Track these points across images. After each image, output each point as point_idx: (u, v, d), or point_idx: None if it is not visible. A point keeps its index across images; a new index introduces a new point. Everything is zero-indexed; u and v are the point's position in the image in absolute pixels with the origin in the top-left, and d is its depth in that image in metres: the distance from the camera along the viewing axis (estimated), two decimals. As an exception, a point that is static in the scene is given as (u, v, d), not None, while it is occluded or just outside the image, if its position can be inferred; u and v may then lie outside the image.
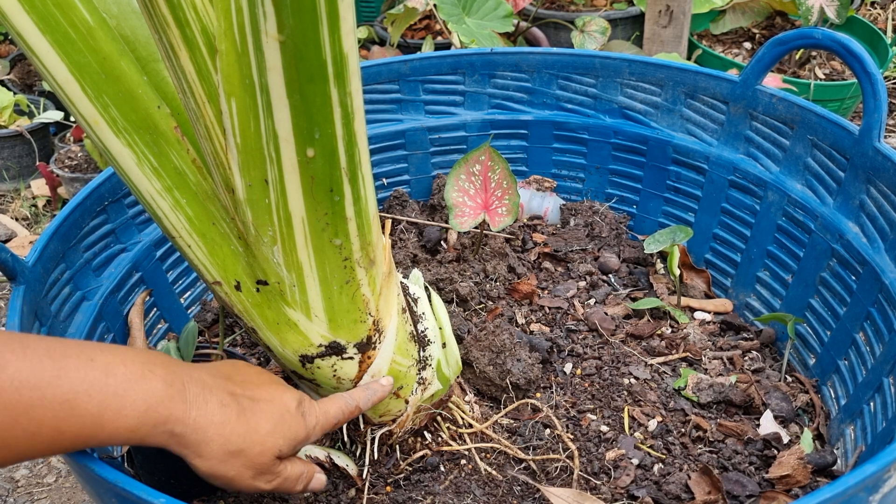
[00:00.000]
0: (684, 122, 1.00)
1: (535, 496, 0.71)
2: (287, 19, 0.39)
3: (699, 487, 0.70)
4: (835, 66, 1.97)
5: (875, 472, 0.46)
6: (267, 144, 0.46)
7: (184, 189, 0.56)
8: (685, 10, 1.74)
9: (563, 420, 0.78)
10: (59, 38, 0.49)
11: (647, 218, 1.08)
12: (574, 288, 0.98)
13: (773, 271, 0.93)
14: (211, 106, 0.48)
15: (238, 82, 0.44)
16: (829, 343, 0.83)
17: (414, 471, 0.73)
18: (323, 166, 0.47)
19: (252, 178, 0.49)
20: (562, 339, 0.89)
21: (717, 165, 0.97)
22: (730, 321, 0.94)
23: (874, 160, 0.77)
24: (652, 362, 0.85)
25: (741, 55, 2.05)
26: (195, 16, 0.46)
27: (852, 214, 0.81)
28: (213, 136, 0.49)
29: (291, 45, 0.40)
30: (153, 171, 0.55)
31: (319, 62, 0.41)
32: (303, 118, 0.44)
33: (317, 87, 0.42)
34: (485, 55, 1.06)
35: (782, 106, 0.88)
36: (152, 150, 0.55)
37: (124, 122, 0.53)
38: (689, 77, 0.97)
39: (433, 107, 1.10)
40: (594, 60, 1.03)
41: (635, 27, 2.06)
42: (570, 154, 1.11)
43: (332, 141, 0.45)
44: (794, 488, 0.71)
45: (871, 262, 0.77)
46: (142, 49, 0.56)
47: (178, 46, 0.46)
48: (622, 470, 0.72)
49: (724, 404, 0.80)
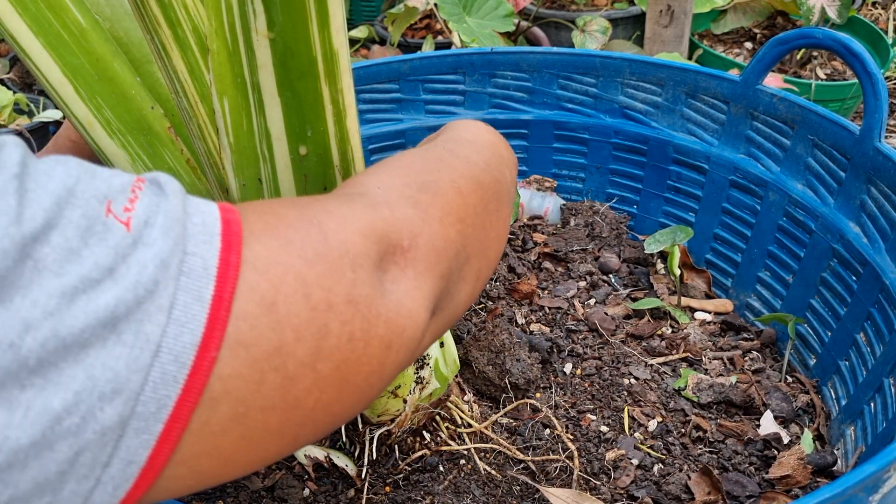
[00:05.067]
0: (685, 122, 1.00)
1: (534, 496, 0.70)
2: (277, 17, 0.39)
3: (699, 488, 0.69)
4: (836, 66, 1.97)
5: (875, 472, 0.46)
6: (260, 143, 0.46)
7: (179, 189, 0.56)
8: (686, 9, 1.73)
9: (563, 420, 0.78)
10: (52, 40, 0.49)
11: (648, 218, 1.08)
12: (574, 288, 0.97)
13: (773, 271, 0.92)
14: (203, 105, 0.48)
15: (230, 81, 0.43)
16: (829, 343, 0.83)
17: (413, 471, 0.73)
18: (316, 164, 0.47)
19: (246, 177, 0.49)
20: (562, 339, 0.88)
21: (717, 165, 0.96)
22: (730, 321, 0.93)
23: (875, 160, 0.77)
24: (652, 362, 0.85)
25: (742, 55, 2.04)
26: (186, 15, 0.46)
27: (853, 214, 0.81)
28: (207, 136, 0.49)
29: (281, 43, 0.40)
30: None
31: (310, 59, 0.41)
32: (294, 116, 0.43)
33: (308, 84, 0.42)
34: (485, 55, 1.06)
35: (783, 106, 0.88)
36: (146, 151, 0.55)
37: (118, 123, 0.53)
38: (690, 77, 0.97)
39: (433, 106, 1.09)
40: (595, 60, 1.03)
41: (636, 27, 2.05)
42: (570, 154, 1.11)
43: (324, 138, 0.45)
44: (794, 489, 0.70)
45: (872, 262, 0.77)
46: (135, 50, 0.56)
47: (170, 46, 0.46)
48: (622, 470, 0.72)
49: (725, 404, 0.80)
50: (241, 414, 0.32)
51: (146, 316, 0.29)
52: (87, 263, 0.28)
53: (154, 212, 0.31)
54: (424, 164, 0.47)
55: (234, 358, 0.31)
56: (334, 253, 0.36)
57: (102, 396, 0.28)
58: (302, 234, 0.35)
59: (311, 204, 0.38)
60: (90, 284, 0.28)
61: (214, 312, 0.31)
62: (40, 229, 0.27)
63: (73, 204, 0.28)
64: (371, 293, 0.37)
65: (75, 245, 0.28)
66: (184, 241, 0.31)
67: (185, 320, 0.30)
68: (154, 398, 0.29)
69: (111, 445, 0.29)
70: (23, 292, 0.26)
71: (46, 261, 0.27)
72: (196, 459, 0.32)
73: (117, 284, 0.28)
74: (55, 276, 0.27)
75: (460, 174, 0.47)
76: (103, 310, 0.28)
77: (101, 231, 0.29)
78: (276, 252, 0.34)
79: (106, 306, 0.28)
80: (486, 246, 0.49)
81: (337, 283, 0.35)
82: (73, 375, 0.27)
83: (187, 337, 0.30)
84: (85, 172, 0.30)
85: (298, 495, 0.71)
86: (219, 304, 0.31)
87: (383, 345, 0.37)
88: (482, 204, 0.48)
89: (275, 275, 0.33)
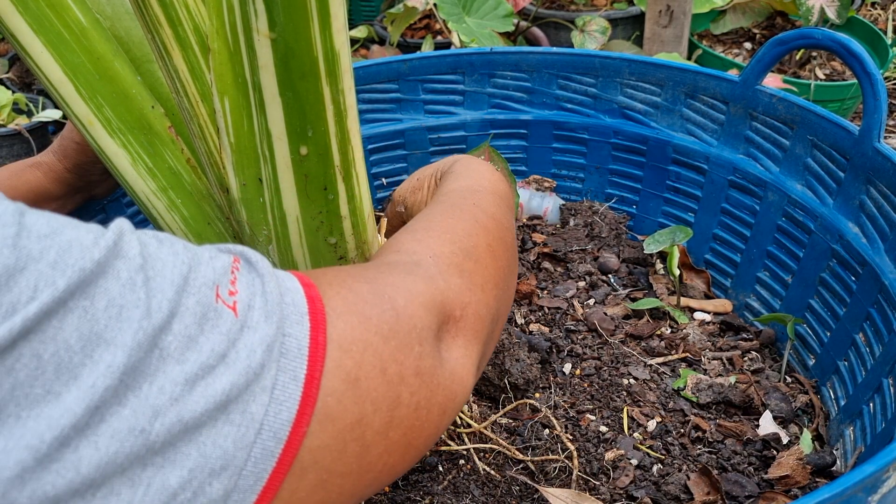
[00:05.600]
0: (684, 122, 1.00)
1: (533, 496, 0.70)
2: (278, 17, 0.38)
3: (698, 488, 0.69)
4: (835, 66, 1.97)
5: (874, 473, 0.46)
6: (260, 143, 0.46)
7: (179, 189, 0.56)
8: (685, 10, 1.73)
9: (562, 420, 0.78)
10: (52, 38, 0.49)
11: (647, 218, 1.08)
12: (573, 288, 0.97)
13: (772, 272, 0.92)
14: (204, 105, 0.48)
15: (231, 81, 0.43)
16: (828, 344, 0.83)
17: (412, 471, 0.73)
18: (316, 164, 0.47)
19: (246, 177, 0.49)
20: (561, 339, 0.88)
21: (716, 165, 0.96)
22: (729, 321, 0.93)
23: (874, 160, 0.77)
24: (651, 362, 0.85)
25: (741, 55, 2.04)
26: (187, 15, 0.45)
27: (852, 215, 0.81)
28: (207, 136, 0.49)
29: (283, 43, 0.40)
30: (148, 172, 0.55)
31: (311, 60, 0.41)
32: (295, 116, 0.43)
33: (309, 84, 0.42)
34: (484, 55, 1.06)
35: (782, 106, 0.88)
36: (147, 151, 0.55)
37: (119, 122, 0.53)
38: (689, 77, 0.97)
39: (433, 106, 1.09)
40: (594, 60, 1.03)
41: (636, 27, 2.05)
42: (569, 154, 1.11)
43: (325, 138, 0.45)
44: (793, 489, 0.70)
45: (871, 262, 0.77)
46: (136, 50, 0.56)
47: (171, 46, 0.46)
48: (621, 470, 0.72)
49: (724, 405, 0.80)
50: (323, 480, 0.35)
51: (252, 397, 0.31)
52: (204, 350, 0.30)
53: (253, 293, 0.33)
54: (464, 226, 0.50)
55: (322, 431, 0.34)
56: (405, 328, 0.39)
57: (212, 472, 0.30)
58: (378, 311, 0.38)
59: (379, 277, 0.41)
60: (207, 370, 0.30)
61: (307, 390, 0.33)
62: (166, 320, 0.29)
63: (188, 292, 0.30)
64: (433, 364, 0.40)
65: (193, 332, 0.30)
66: (283, 323, 0.33)
67: (283, 399, 0.32)
68: (254, 472, 0.31)
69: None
70: (150, 380, 0.28)
71: (170, 349, 0.29)
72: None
73: (230, 369, 0.31)
74: (178, 363, 0.29)
75: (494, 237, 0.51)
76: (220, 394, 0.30)
77: (214, 318, 0.31)
78: (357, 330, 0.36)
79: (222, 391, 0.30)
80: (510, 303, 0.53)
81: (407, 357, 0.38)
82: (188, 454, 0.29)
83: (285, 415, 0.32)
84: (192, 257, 0.32)
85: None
86: (311, 383, 0.33)
87: (440, 410, 0.41)
88: (509, 267, 0.52)
89: (357, 352, 0.36)
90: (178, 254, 0.31)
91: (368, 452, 0.36)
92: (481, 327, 0.46)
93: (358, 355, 0.36)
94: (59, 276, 0.26)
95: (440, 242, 0.48)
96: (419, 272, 0.43)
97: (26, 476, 0.25)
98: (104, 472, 0.27)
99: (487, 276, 0.48)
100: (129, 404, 0.27)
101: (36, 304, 0.25)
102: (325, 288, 0.38)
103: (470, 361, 0.44)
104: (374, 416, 0.36)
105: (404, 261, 0.45)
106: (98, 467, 0.26)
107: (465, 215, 0.52)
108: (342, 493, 0.36)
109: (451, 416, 0.42)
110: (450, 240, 0.48)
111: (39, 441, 0.25)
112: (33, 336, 0.25)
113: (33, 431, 0.25)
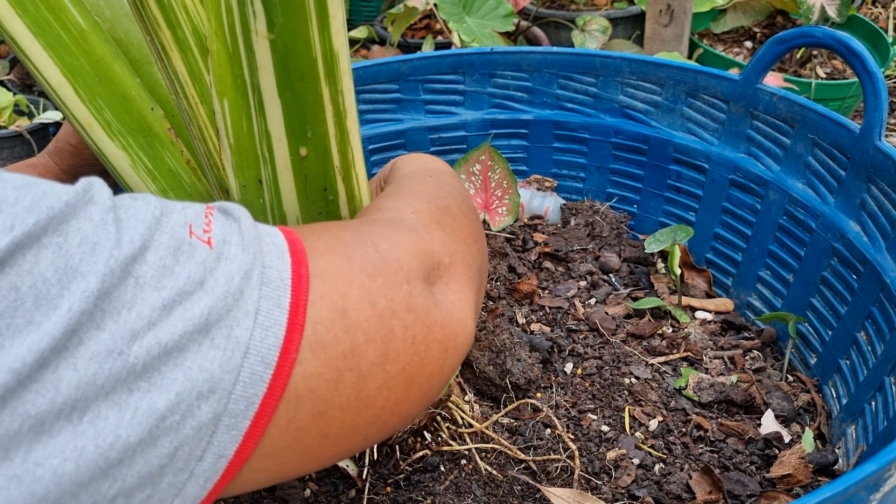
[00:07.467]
0: (685, 122, 0.99)
1: (535, 496, 0.70)
2: (276, 18, 0.39)
3: (700, 487, 0.69)
4: (836, 65, 1.97)
5: (875, 471, 0.46)
6: (260, 144, 0.46)
7: (179, 191, 0.56)
8: (686, 9, 1.73)
9: (564, 420, 0.78)
10: (51, 41, 0.49)
11: (648, 217, 1.08)
12: (575, 287, 0.97)
13: (774, 270, 0.92)
14: (204, 107, 0.48)
15: (230, 82, 0.43)
16: (830, 342, 0.83)
17: (414, 471, 0.73)
18: (316, 165, 0.47)
19: (246, 178, 0.49)
20: (562, 338, 0.88)
21: (717, 164, 0.96)
22: (731, 320, 0.93)
23: (875, 159, 0.77)
24: (653, 362, 0.85)
25: (742, 54, 2.04)
26: (186, 17, 0.45)
27: (853, 213, 0.81)
28: (207, 137, 0.49)
29: (281, 44, 0.40)
30: (148, 174, 0.55)
31: (310, 60, 0.41)
32: (295, 117, 0.43)
33: (308, 85, 0.42)
34: (485, 54, 1.06)
35: (783, 105, 0.88)
36: (147, 153, 0.55)
37: (118, 124, 0.53)
38: (690, 76, 0.97)
39: (433, 106, 1.09)
40: (595, 60, 1.03)
41: (636, 26, 2.05)
42: (570, 153, 1.11)
43: (324, 139, 0.45)
44: (795, 488, 0.70)
45: (873, 260, 0.77)
46: (135, 52, 0.56)
47: (170, 48, 0.46)
48: (623, 470, 0.72)
49: (725, 404, 0.80)
50: (321, 411, 0.35)
51: (235, 321, 0.32)
52: (181, 277, 0.31)
53: (229, 231, 0.34)
54: (433, 191, 0.52)
55: (314, 358, 0.35)
56: (390, 268, 0.40)
57: (200, 395, 0.31)
58: (360, 252, 0.39)
59: (362, 227, 0.43)
60: (185, 296, 0.31)
61: (293, 317, 0.34)
62: (138, 250, 0.31)
63: (161, 229, 0.32)
64: (426, 302, 0.41)
65: (168, 262, 0.31)
66: (261, 256, 0.34)
67: (268, 324, 0.33)
68: (244, 396, 0.32)
69: (205, 441, 0.31)
70: (128, 306, 0.30)
71: (146, 277, 0.30)
72: (280, 453, 0.35)
73: (207, 294, 0.32)
74: (155, 290, 0.31)
75: (461, 200, 0.53)
76: (198, 317, 0.31)
77: (189, 250, 0.32)
78: (340, 267, 0.38)
79: (200, 314, 0.31)
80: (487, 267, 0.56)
81: (396, 294, 0.39)
82: (174, 378, 0.30)
83: (271, 339, 0.33)
84: (165, 205, 0.34)
85: (300, 495, 0.71)
86: (296, 309, 0.34)
87: (441, 348, 0.41)
88: (480, 230, 0.54)
89: (342, 285, 0.37)
90: (150, 203, 0.33)
91: (366, 384, 0.37)
92: (472, 274, 0.47)
93: (343, 288, 0.37)
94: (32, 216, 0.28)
95: (418, 201, 0.49)
96: (402, 225, 0.45)
97: (8, 396, 0.26)
98: (85, 393, 0.28)
99: (467, 231, 0.50)
100: (108, 328, 0.29)
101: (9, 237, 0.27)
102: (307, 234, 0.39)
103: (467, 305, 0.45)
104: (368, 347, 0.37)
105: (387, 217, 0.46)
106: (78, 387, 0.28)
107: (429, 183, 0.54)
108: (342, 427, 0.37)
109: (455, 357, 0.43)
110: (426, 199, 0.50)
111: (21, 364, 0.26)
112: (9, 269, 0.27)
113: (15, 356, 0.26)
